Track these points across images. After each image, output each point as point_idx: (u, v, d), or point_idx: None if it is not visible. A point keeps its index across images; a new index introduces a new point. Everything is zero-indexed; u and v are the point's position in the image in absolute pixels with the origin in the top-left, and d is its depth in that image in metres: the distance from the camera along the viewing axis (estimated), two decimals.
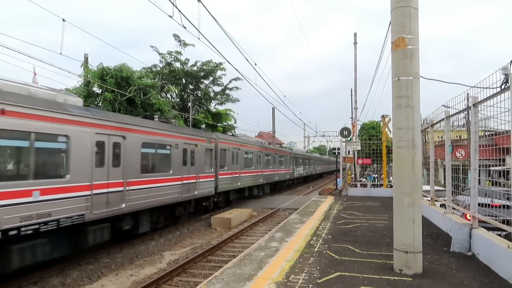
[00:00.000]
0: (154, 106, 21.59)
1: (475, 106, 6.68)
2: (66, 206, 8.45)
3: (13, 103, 7.35)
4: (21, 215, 7.32)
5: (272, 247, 7.87)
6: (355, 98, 26.41)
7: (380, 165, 23.48)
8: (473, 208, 6.82)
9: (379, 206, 14.83)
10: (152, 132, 12.38)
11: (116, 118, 10.91)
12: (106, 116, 10.41)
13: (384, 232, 9.19)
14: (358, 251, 7.41)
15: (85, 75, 19.60)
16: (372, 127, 36.07)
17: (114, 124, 10.47)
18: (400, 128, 5.94)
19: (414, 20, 5.80)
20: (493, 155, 6.81)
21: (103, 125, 9.97)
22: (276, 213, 18.63)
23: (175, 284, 8.31)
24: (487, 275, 5.69)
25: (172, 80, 30.93)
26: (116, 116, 11.56)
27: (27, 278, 8.15)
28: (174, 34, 30.36)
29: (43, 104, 8.14)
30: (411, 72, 5.81)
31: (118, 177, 10.43)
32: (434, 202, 10.80)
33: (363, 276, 5.71)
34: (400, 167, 6.01)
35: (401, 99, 5.89)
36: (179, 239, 12.87)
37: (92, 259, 9.86)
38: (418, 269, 5.80)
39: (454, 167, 8.77)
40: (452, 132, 9.33)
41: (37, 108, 7.89)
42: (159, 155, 13.01)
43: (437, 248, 7.51)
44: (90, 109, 10.16)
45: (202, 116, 30.91)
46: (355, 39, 25.34)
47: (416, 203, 5.85)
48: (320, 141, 66.53)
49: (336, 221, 11.25)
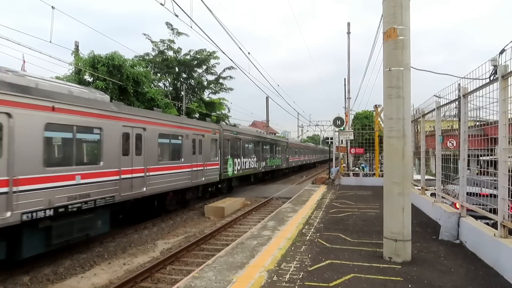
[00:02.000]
0: (147, 95, 21.46)
1: (465, 96, 6.74)
2: (101, 188, 10.00)
3: (61, 101, 8.76)
4: (68, 195, 8.79)
5: (264, 236, 7.95)
6: (348, 87, 26.44)
7: (372, 154, 23.63)
8: (462, 197, 6.94)
9: (371, 195, 14.99)
10: (167, 124, 13.99)
11: (138, 112, 12.65)
12: (131, 111, 12.10)
13: (375, 221, 9.31)
14: (349, 239, 7.51)
15: (76, 63, 19.36)
16: (366, 117, 36.18)
17: (137, 117, 12.03)
18: (391, 118, 5.99)
19: (406, 10, 5.80)
20: (483, 145, 6.90)
21: (129, 118, 11.51)
22: (269, 202, 18.76)
23: (168, 272, 8.38)
24: (473, 262, 5.82)
25: (165, 69, 30.68)
26: (138, 110, 13.45)
27: (18, 268, 8.16)
28: (166, 22, 30.04)
29: (83, 102, 9.59)
30: (402, 62, 5.83)
31: (140, 164, 11.97)
32: (425, 191, 10.94)
33: (353, 264, 5.81)
34: (390, 156, 6.07)
35: (392, 90, 5.93)
36: (172, 227, 12.93)
37: (84, 248, 9.88)
38: (407, 256, 5.91)
39: (446, 157, 8.88)
40: (443, 122, 9.43)
41: (79, 105, 9.32)
42: (172, 145, 14.54)
43: (426, 236, 7.65)
44: (118, 104, 11.72)
45: (196, 105, 30.78)
46: (349, 28, 25.26)
47: (405, 192, 5.93)
48: (313, 131, 66.77)
49: (328, 210, 11.37)
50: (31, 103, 7.89)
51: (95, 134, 10.01)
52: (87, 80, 19.95)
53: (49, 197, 8.18)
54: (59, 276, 8.07)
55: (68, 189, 8.77)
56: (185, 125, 15.53)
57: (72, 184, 8.91)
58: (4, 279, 7.60)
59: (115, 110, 10.77)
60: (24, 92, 7.78)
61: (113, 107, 10.82)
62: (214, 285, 5.06)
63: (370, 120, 31.63)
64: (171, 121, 14.34)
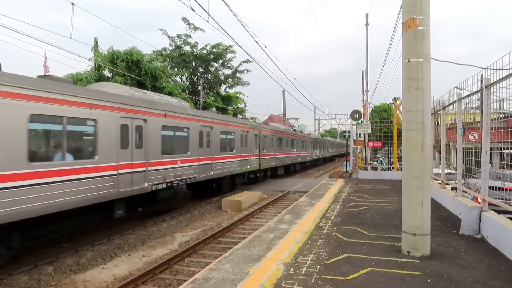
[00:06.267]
0: (164, 90, 21.68)
1: (488, 88, 6.55)
2: (189, 171, 14.00)
3: None
4: (174, 174, 12.67)
5: (281, 229, 7.96)
6: (366, 80, 26.10)
7: (391, 148, 23.29)
8: (483, 191, 6.77)
9: (389, 189, 14.80)
10: (225, 124, 17.52)
11: (208, 115, 16.53)
12: (203, 114, 16.06)
13: (393, 215, 9.20)
14: (367, 233, 7.45)
15: (96, 59, 19.69)
16: (384, 110, 35.64)
17: (209, 119, 15.66)
18: (410, 110, 5.88)
19: (425, 0, 5.66)
20: (507, 138, 6.71)
21: (202, 120, 15.11)
22: (286, 195, 18.75)
23: (186, 264, 8.50)
24: (495, 257, 5.69)
25: (182, 64, 30.87)
26: (208, 113, 17.54)
27: (42, 258, 8.44)
28: (183, 17, 30.15)
29: (179, 109, 13.57)
30: (422, 53, 5.70)
31: (209, 154, 15.55)
32: (445, 185, 10.73)
33: (370, 258, 5.77)
34: (409, 150, 5.97)
35: (411, 81, 5.81)
36: (190, 221, 13.09)
37: (106, 240, 10.13)
38: (426, 251, 5.83)
39: (467, 150, 8.67)
40: (465, 114, 9.19)
41: (176, 112, 13.12)
42: (228, 139, 18.10)
43: (446, 230, 7.51)
44: (194, 110, 15.69)
45: (212, 99, 30.92)
46: (367, 20, 24.85)
47: (425, 186, 5.83)
48: (331, 124, 66.08)
49: (345, 204, 11.30)
50: (155, 112, 11.65)
51: (190, 132, 14.02)
52: (106, 76, 20.29)
53: (163, 174, 11.98)
54: (81, 266, 8.30)
55: (173, 170, 12.57)
56: (236, 124, 19.27)
57: (175, 167, 12.76)
58: (30, 269, 7.86)
59: (196, 114, 14.84)
60: (151, 106, 11.58)
61: (194, 112, 15.05)
62: (231, 277, 5.11)
63: (388, 113, 31.16)
64: (228, 121, 18.04)
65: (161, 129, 11.98)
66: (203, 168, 14.85)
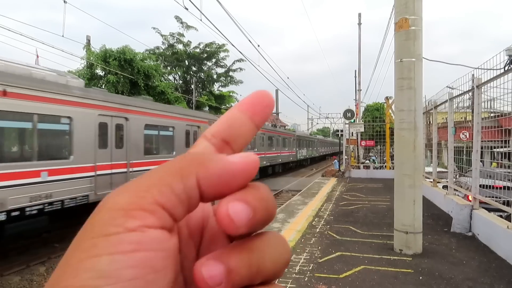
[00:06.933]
0: (157, 89, 21.59)
1: (479, 87, 6.64)
2: None
3: None
4: None
5: (274, 228, 7.98)
6: (358, 79, 26.24)
7: (383, 147, 23.47)
8: (474, 190, 6.86)
9: (382, 187, 14.90)
10: (274, 132, 26.14)
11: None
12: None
13: (385, 213, 9.27)
14: (360, 231, 7.51)
15: (88, 57, 19.54)
16: (376, 109, 35.90)
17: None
18: (402, 110, 5.93)
19: (418, 0, 5.71)
20: (497, 137, 6.80)
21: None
22: (279, 194, 18.79)
23: None
24: (486, 255, 5.77)
25: (175, 62, 30.75)
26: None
27: (34, 258, 8.37)
28: (176, 16, 30.03)
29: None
30: (414, 53, 5.76)
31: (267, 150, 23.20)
32: (437, 183, 10.84)
33: (363, 256, 5.82)
34: (401, 148, 6.03)
35: (403, 81, 5.86)
36: None
37: None
38: (418, 249, 5.89)
39: (458, 149, 8.77)
40: (457, 113, 9.30)
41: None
42: (278, 139, 27.88)
43: (438, 228, 7.59)
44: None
45: (205, 98, 30.85)
46: (360, 19, 24.97)
47: (417, 184, 5.89)
48: (323, 123, 66.30)
49: (338, 202, 11.35)
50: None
51: None
52: (99, 74, 20.15)
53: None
54: None
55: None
56: (284, 132, 31.24)
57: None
58: (22, 270, 7.80)
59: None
60: None
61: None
62: None
63: (381, 112, 31.38)
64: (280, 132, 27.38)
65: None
66: (267, 158, 18.20)
